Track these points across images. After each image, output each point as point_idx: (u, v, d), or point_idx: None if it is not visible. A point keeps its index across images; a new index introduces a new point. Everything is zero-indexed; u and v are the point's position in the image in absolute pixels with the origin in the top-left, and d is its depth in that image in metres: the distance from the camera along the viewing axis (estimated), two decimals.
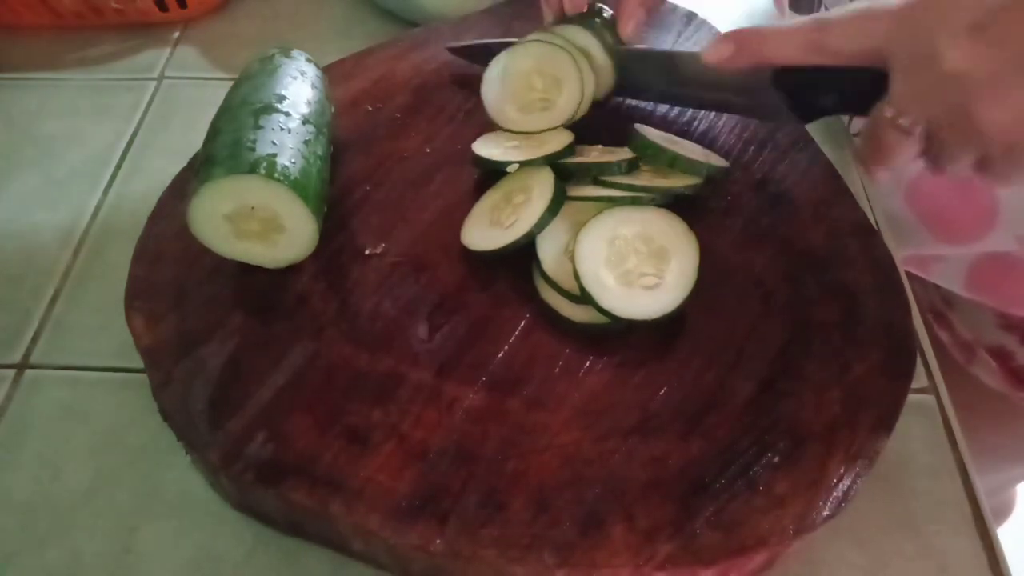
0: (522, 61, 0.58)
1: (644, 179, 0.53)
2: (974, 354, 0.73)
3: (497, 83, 0.59)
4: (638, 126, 0.56)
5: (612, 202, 0.51)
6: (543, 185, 0.51)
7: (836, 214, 0.55)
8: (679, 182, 0.53)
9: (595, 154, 0.55)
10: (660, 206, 0.51)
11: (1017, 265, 0.63)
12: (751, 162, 0.59)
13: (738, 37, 0.50)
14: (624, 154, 0.54)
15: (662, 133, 0.57)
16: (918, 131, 0.45)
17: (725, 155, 0.58)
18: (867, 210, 0.61)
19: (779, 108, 0.54)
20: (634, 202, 0.51)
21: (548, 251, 0.51)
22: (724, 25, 0.68)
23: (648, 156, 0.54)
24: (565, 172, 0.53)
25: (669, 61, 0.58)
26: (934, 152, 0.46)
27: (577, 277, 0.48)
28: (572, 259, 0.49)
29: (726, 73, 0.52)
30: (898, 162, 0.47)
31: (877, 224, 0.60)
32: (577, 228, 0.50)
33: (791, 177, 0.58)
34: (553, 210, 0.50)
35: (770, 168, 0.58)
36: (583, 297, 0.48)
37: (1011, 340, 0.70)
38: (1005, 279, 0.65)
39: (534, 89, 0.58)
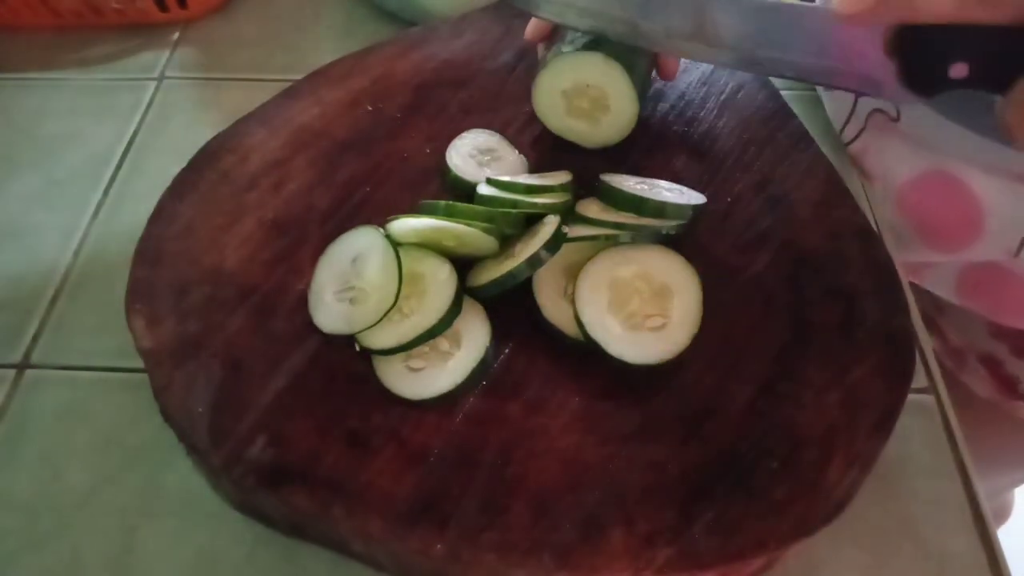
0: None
1: (630, 217, 0.52)
2: (965, 362, 0.74)
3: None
4: (605, 177, 0.54)
5: (598, 240, 0.50)
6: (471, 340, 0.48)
7: (836, 216, 0.55)
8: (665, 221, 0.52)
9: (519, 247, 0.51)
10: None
11: (1006, 275, 0.63)
12: (751, 163, 0.58)
13: None
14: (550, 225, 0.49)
15: (632, 179, 0.55)
16: None
17: (725, 156, 0.58)
18: (867, 212, 0.61)
19: (888, 80, 0.46)
20: (634, 240, 0.50)
21: (546, 296, 0.50)
22: None
23: (616, 202, 0.52)
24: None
25: (761, 15, 0.49)
26: None
27: (581, 326, 0.47)
28: (572, 302, 0.48)
29: (850, 28, 0.44)
30: None
31: (877, 226, 0.60)
32: (570, 268, 0.49)
33: (791, 178, 0.57)
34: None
35: (770, 169, 0.58)
36: (588, 344, 0.47)
37: (1001, 348, 0.70)
38: (994, 288, 0.65)
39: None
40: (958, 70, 0.43)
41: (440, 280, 0.48)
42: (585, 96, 0.57)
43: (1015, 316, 0.67)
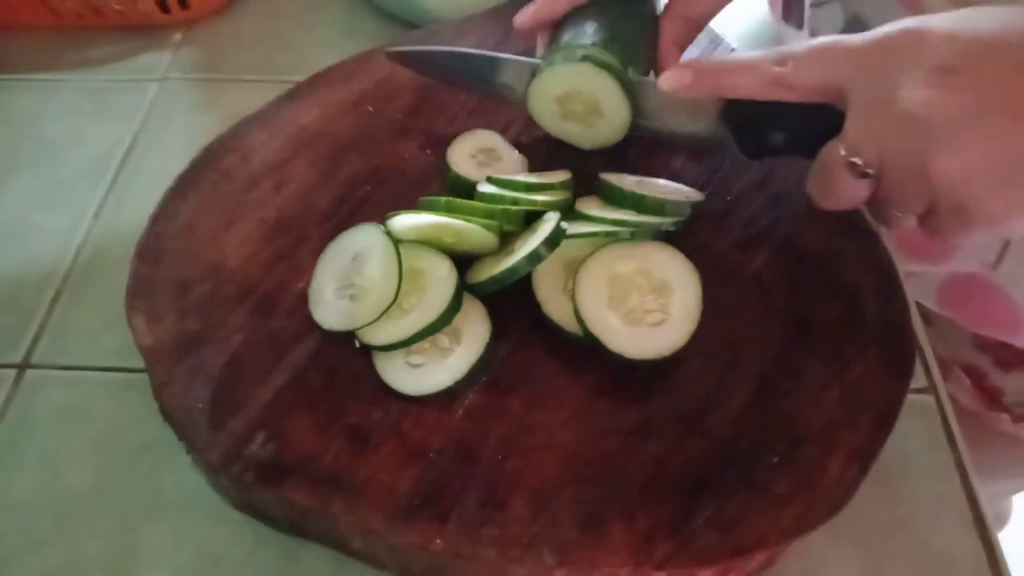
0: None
1: (629, 213, 0.52)
2: (949, 371, 0.74)
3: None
4: (605, 175, 0.55)
5: (597, 236, 0.50)
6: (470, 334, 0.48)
7: (835, 214, 0.55)
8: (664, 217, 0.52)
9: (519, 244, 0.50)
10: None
11: (985, 287, 0.63)
12: (750, 162, 0.58)
13: (697, 66, 0.49)
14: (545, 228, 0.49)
15: (631, 178, 0.56)
16: (869, 172, 0.44)
17: (724, 155, 0.58)
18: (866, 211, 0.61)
19: (725, 143, 0.53)
20: (633, 237, 0.50)
21: (546, 293, 0.49)
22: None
23: (616, 200, 0.53)
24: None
25: None
26: (882, 198, 0.45)
27: (580, 321, 0.47)
28: (572, 299, 0.48)
29: (679, 101, 0.52)
30: (847, 204, 0.47)
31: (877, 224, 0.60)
32: (570, 264, 0.49)
33: (791, 177, 0.57)
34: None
35: (770, 168, 0.58)
36: (588, 339, 0.47)
37: (984, 360, 0.71)
38: (973, 299, 0.66)
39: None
40: (776, 138, 0.51)
41: (440, 276, 0.48)
42: (578, 101, 0.57)
43: (994, 327, 0.67)
